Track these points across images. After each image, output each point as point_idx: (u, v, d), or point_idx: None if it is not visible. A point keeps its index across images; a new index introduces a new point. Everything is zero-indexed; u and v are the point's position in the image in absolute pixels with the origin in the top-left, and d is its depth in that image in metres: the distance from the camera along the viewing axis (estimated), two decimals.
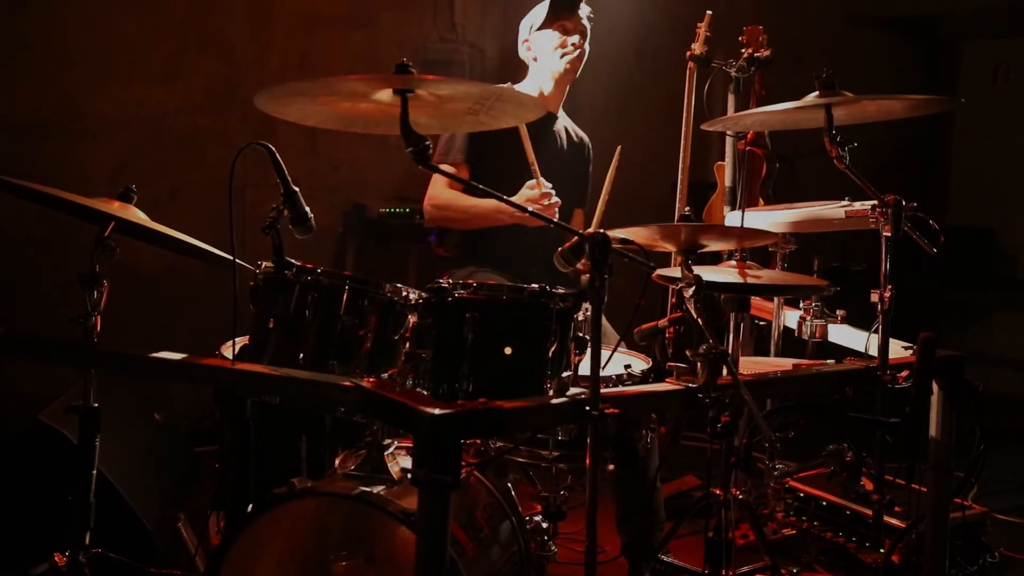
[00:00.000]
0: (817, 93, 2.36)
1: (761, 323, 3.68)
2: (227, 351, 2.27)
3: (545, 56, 3.43)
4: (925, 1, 7.32)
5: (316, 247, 2.01)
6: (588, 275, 1.88)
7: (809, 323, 3.13)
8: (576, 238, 1.94)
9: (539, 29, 3.44)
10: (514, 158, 3.09)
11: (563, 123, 3.58)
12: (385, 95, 1.97)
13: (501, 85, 2.36)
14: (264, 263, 2.14)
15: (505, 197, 2.20)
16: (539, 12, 3.46)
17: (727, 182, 3.74)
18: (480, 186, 2.15)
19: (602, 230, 1.90)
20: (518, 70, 3.59)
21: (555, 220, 2.34)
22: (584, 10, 3.47)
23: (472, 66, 5.51)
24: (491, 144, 3.19)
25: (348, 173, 5.18)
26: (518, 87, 3.43)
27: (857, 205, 2.90)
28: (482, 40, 5.62)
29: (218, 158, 4.65)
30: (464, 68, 5.46)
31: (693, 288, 2.06)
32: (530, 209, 2.47)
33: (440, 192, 3.34)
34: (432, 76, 1.80)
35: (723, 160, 3.84)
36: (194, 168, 4.71)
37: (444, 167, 3.22)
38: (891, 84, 7.24)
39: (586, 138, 3.63)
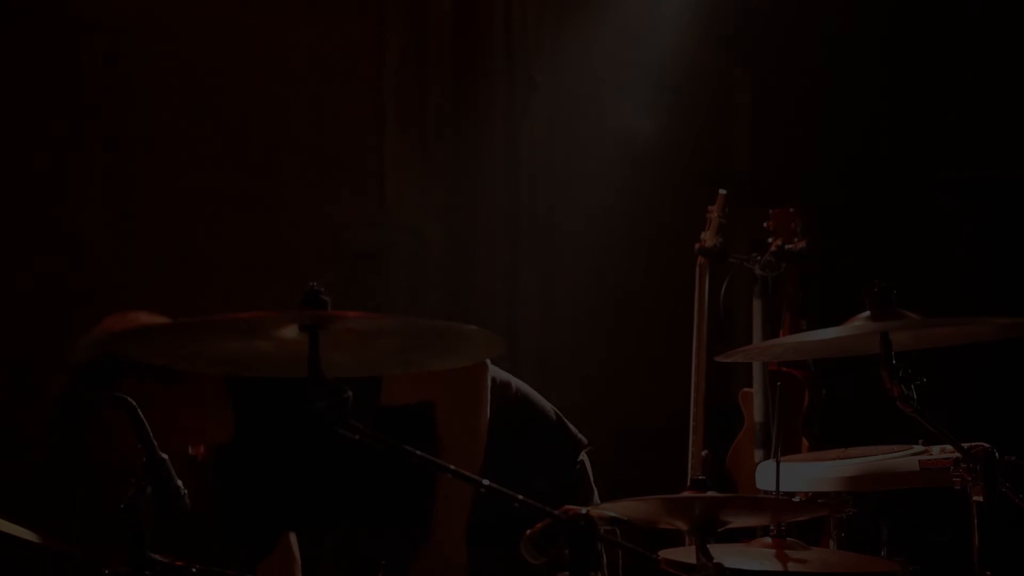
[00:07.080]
0: (868, 314, 2.41)
1: None
2: None
3: None
4: (1003, 159, 7.63)
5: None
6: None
7: None
8: (548, 520, 1.93)
9: None
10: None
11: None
12: (290, 330, 2.00)
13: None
14: (115, 561, 2.11)
15: None
16: None
17: (757, 416, 3.78)
18: None
19: (585, 509, 1.90)
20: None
21: None
22: None
23: (411, 256, 5.62)
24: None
25: None
26: None
27: (936, 452, 2.93)
28: (423, 222, 5.73)
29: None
30: (399, 258, 5.56)
31: None
32: None
33: None
34: (353, 312, 1.84)
35: (750, 386, 3.88)
36: (20, 405, 4.69)
37: None
38: (969, 259, 7.42)
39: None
